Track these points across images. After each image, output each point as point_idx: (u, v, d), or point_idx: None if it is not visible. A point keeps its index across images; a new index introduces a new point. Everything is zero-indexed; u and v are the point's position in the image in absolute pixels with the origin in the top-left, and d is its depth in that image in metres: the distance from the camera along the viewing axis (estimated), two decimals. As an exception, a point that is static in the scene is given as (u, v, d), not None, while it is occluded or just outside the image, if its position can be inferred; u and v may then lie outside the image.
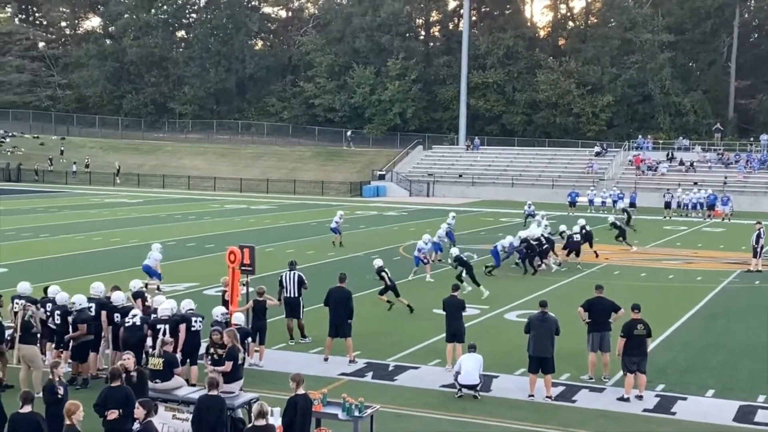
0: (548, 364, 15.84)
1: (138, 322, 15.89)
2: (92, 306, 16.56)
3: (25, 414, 10.56)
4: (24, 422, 10.55)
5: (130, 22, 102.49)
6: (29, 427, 10.52)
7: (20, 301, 16.97)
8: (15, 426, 10.57)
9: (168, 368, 13.47)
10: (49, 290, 17.44)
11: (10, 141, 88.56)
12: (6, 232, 39.41)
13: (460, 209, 57.72)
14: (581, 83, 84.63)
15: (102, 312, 16.63)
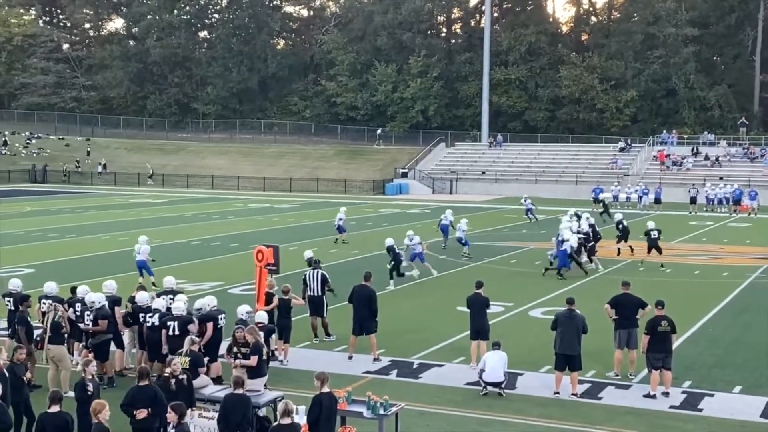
0: (575, 361, 15.78)
1: (157, 321, 15.99)
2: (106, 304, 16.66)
3: (53, 413, 10.67)
4: (52, 422, 10.65)
5: (153, 23, 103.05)
6: (58, 427, 10.62)
7: (47, 301, 17.13)
8: (44, 425, 10.68)
9: (194, 367, 13.53)
10: (78, 290, 17.58)
11: (35, 142, 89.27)
12: (33, 232, 39.77)
13: (483, 206, 57.66)
14: (604, 78, 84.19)
15: (115, 309, 16.76)
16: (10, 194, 64.61)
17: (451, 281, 27.70)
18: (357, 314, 17.94)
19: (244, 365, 13.87)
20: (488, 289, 18.13)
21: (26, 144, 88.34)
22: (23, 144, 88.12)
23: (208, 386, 13.68)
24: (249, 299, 20.22)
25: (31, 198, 61.73)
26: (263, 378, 14.11)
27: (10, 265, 28.56)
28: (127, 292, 18.15)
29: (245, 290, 24.78)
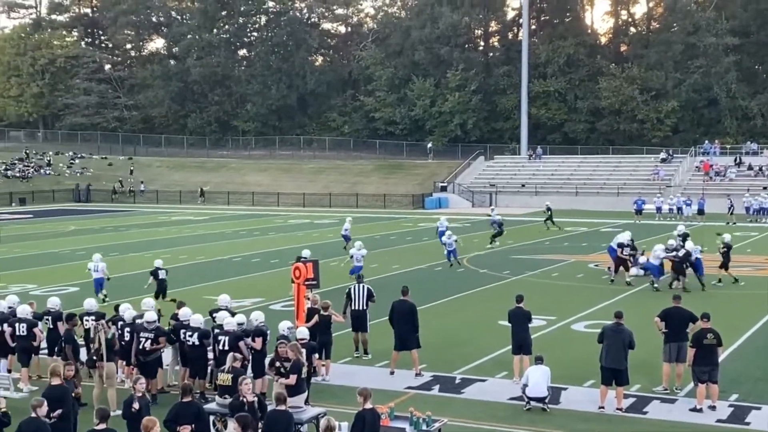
0: (622, 375, 15.57)
1: (197, 341, 16.07)
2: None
3: (100, 431, 10.73)
4: (99, 439, 10.73)
5: (193, 42, 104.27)
6: (103, 444, 10.69)
7: (89, 318, 17.32)
8: (90, 442, 10.77)
9: (236, 384, 13.55)
10: (120, 308, 17.73)
11: (79, 162, 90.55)
12: (77, 251, 40.25)
13: (524, 219, 57.34)
14: (645, 89, 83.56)
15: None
16: (55, 214, 65.56)
17: (492, 295, 27.55)
18: (398, 330, 17.86)
19: (282, 383, 13.87)
20: (530, 303, 18.00)
21: (70, 164, 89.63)
22: (67, 164, 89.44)
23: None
24: (289, 315, 20.27)
25: (75, 217, 62.54)
26: (303, 395, 14.08)
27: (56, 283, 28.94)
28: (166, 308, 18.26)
29: (286, 306, 24.85)
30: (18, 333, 17.11)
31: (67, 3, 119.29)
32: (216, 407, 13.57)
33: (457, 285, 29.47)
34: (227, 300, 18.07)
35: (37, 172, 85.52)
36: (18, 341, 17.16)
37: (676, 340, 16.61)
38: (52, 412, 11.90)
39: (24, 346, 17.15)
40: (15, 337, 17.18)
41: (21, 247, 42.17)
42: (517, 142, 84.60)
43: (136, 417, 11.82)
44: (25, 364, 17.17)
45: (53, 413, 11.91)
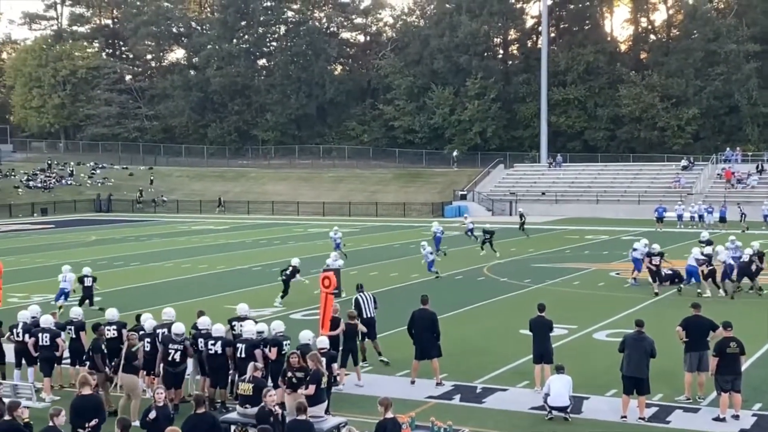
0: (643, 385, 15.47)
1: (220, 349, 16.08)
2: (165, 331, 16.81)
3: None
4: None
5: (213, 52, 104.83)
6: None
7: (110, 327, 17.38)
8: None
9: (257, 393, 13.57)
10: (141, 317, 17.79)
11: (100, 172, 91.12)
12: (99, 261, 40.46)
13: (544, 227, 57.16)
14: (665, 96, 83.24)
15: None
16: (76, 224, 65.97)
17: (512, 304, 27.45)
18: (419, 339, 17.81)
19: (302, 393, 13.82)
20: (551, 312, 17.92)
21: (91, 174, 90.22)
22: (88, 174, 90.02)
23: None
24: (309, 324, 20.26)
25: (96, 227, 62.91)
26: (322, 405, 14.04)
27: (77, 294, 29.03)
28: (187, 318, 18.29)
29: (306, 315, 24.87)
30: (41, 343, 17.20)
31: (88, 14, 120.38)
32: (237, 417, 13.58)
33: (477, 294, 29.40)
34: (246, 309, 18.10)
35: (59, 183, 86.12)
36: (41, 351, 17.25)
37: (698, 349, 16.49)
38: (88, 422, 11.94)
39: (47, 356, 17.24)
40: (38, 347, 17.27)
41: (43, 257, 42.45)
42: (536, 150, 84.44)
43: (153, 426, 11.88)
44: (48, 374, 17.25)
45: (89, 423, 11.94)
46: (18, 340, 17.65)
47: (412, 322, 17.95)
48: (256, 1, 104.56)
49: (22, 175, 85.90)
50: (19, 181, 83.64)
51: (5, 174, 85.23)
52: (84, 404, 12.19)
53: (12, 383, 16.22)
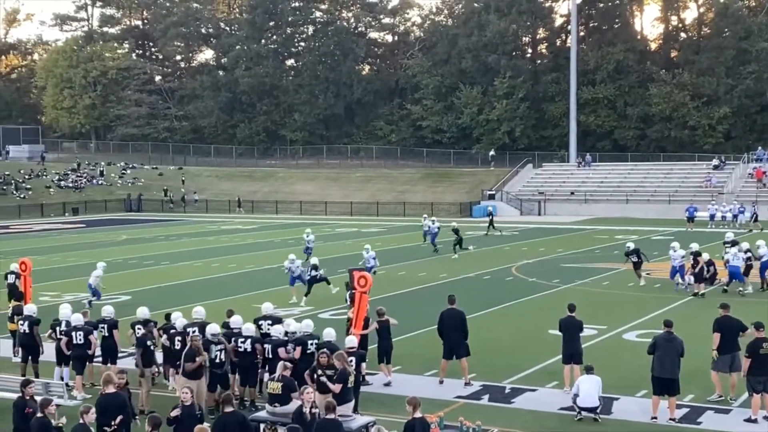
0: (674, 385, 15.37)
1: (249, 347, 16.13)
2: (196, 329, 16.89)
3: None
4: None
5: (242, 53, 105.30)
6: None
7: (140, 326, 17.51)
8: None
9: (286, 392, 13.62)
10: (171, 316, 17.91)
11: (130, 172, 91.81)
12: (129, 260, 40.79)
13: (573, 227, 56.88)
14: (696, 95, 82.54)
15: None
16: (107, 223, 66.53)
17: (541, 304, 27.33)
18: (448, 338, 17.78)
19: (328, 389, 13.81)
20: (580, 312, 17.82)
21: (121, 174, 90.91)
22: (119, 174, 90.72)
23: (300, 411, 13.70)
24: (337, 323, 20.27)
25: (127, 227, 63.39)
26: (349, 404, 14.02)
27: (108, 292, 29.31)
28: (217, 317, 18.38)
29: (334, 315, 24.90)
30: (75, 341, 17.35)
31: (118, 15, 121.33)
32: (266, 415, 13.63)
33: (506, 294, 29.31)
34: (270, 308, 18.16)
35: (90, 183, 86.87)
36: (74, 349, 17.40)
37: (729, 351, 16.34)
38: (113, 420, 12.06)
39: (80, 354, 17.40)
40: (71, 345, 17.42)
41: (75, 257, 42.83)
42: (565, 150, 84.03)
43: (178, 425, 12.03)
44: (80, 371, 17.41)
45: (114, 421, 12.06)
46: (59, 338, 17.83)
47: (441, 322, 17.92)
48: (284, 2, 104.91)
49: (54, 175, 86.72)
50: (51, 181, 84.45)
51: (37, 174, 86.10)
52: (108, 402, 12.32)
53: (43, 381, 16.36)
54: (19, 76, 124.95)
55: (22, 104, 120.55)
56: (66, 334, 17.58)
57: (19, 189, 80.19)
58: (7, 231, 60.62)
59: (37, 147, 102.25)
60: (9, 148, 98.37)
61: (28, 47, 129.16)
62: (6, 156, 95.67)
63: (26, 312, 18.92)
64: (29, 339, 18.42)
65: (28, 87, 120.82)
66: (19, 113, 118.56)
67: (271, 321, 17.42)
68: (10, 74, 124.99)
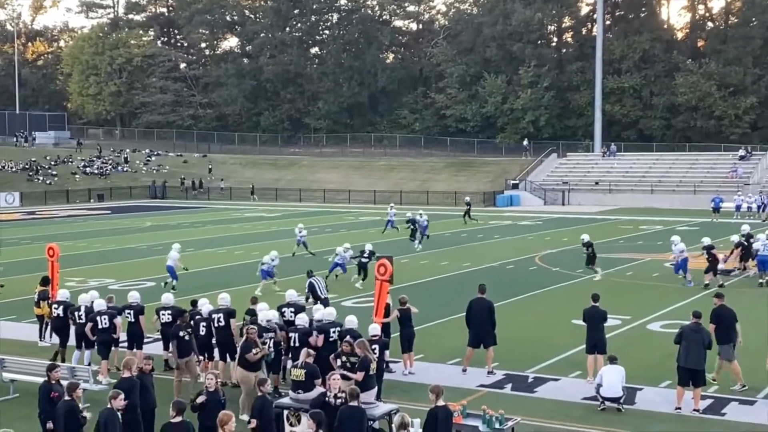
0: (700, 376, 15.33)
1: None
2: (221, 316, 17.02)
3: (176, 423, 10.91)
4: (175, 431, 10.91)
5: (266, 41, 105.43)
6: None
7: (165, 312, 17.63)
8: (165, 435, 10.97)
9: (309, 379, 13.67)
10: (198, 303, 18.02)
11: (155, 159, 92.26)
12: (154, 247, 41.02)
13: (597, 218, 56.61)
14: (722, 85, 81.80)
15: (230, 320, 17.08)
16: (132, 210, 66.93)
17: (565, 294, 27.25)
18: (475, 327, 17.75)
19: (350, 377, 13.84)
20: (604, 302, 17.75)
21: (146, 161, 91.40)
22: (143, 161, 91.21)
23: (323, 398, 13.76)
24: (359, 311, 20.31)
25: (151, 213, 63.75)
26: (372, 391, 14.03)
27: (133, 278, 29.53)
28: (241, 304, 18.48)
29: (357, 303, 24.95)
30: (100, 326, 17.50)
31: (143, 3, 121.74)
32: (289, 402, 13.69)
33: (529, 283, 29.25)
34: (294, 295, 18.23)
35: (115, 169, 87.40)
36: (99, 334, 17.55)
37: (727, 341, 16.52)
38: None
39: (105, 338, 17.55)
40: (96, 329, 17.57)
41: (100, 243, 43.15)
42: (590, 139, 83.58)
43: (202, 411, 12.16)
44: (105, 356, 17.56)
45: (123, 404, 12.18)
46: (80, 323, 18.00)
47: (469, 310, 17.89)
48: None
49: (79, 161, 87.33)
50: (77, 168, 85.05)
51: (63, 160, 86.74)
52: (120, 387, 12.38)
53: (69, 366, 16.51)
54: (46, 62, 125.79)
55: (49, 91, 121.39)
56: (91, 320, 17.73)
57: (45, 175, 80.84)
58: (34, 217, 61.18)
59: (64, 133, 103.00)
60: (35, 134, 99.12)
61: (55, 34, 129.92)
62: (32, 142, 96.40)
63: (60, 297, 19.15)
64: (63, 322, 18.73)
65: (54, 74, 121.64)
66: (45, 100, 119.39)
67: (294, 309, 17.47)
68: (36, 61, 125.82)
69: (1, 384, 16.68)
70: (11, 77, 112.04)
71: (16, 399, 16.32)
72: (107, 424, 11.23)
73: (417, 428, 11.63)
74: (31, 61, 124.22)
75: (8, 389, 16.57)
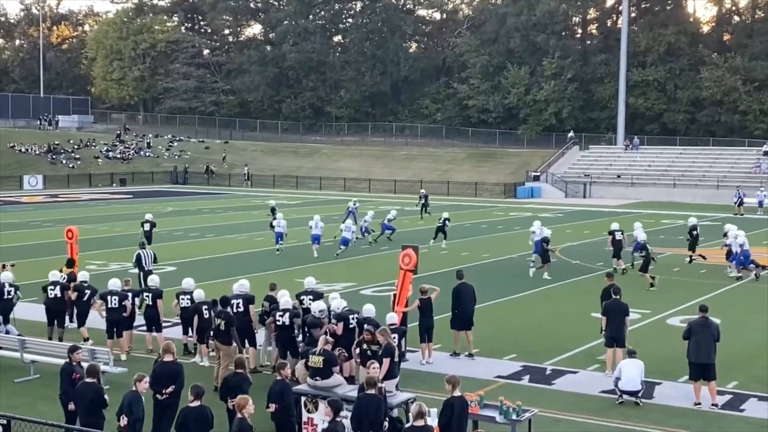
0: (711, 370, 15.29)
1: (288, 320, 16.27)
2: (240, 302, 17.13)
3: (194, 407, 10.99)
4: (192, 415, 10.98)
5: (290, 28, 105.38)
6: (197, 421, 10.93)
7: (185, 297, 17.74)
8: (185, 418, 11.03)
9: (328, 366, 13.71)
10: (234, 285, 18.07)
11: (177, 145, 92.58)
12: (175, 232, 41.23)
13: (619, 211, 56.33)
14: (748, 79, 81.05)
15: (249, 307, 17.17)
16: (153, 195, 67.26)
17: (585, 287, 27.13)
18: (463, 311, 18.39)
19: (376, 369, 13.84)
20: (624, 296, 17.70)
21: (168, 146, 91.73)
22: (165, 146, 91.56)
23: (341, 385, 13.82)
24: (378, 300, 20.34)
25: (173, 199, 64.03)
26: (395, 380, 14.11)
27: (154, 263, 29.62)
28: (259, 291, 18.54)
29: (376, 291, 24.98)
30: (110, 305, 17.78)
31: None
32: (307, 389, 13.74)
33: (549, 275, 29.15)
34: (313, 282, 18.28)
35: (137, 154, 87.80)
36: (108, 313, 17.81)
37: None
38: (165, 389, 12.26)
39: (115, 318, 17.77)
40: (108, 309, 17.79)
41: (121, 227, 43.41)
42: (613, 132, 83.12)
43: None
44: (111, 335, 17.77)
45: (165, 390, 12.26)
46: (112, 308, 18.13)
47: (458, 295, 18.42)
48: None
49: (102, 146, 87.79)
50: (99, 152, 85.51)
51: (86, 144, 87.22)
52: (164, 371, 12.52)
53: (90, 347, 16.66)
54: (70, 46, 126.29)
55: (73, 75, 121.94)
56: (102, 297, 17.96)
57: (68, 159, 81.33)
58: (56, 200, 61.61)
59: (87, 117, 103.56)
60: (59, 117, 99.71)
61: (79, 18, 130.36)
62: (56, 126, 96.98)
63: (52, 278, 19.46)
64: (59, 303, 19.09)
65: (78, 58, 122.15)
66: (70, 84, 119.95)
67: (312, 296, 17.51)
68: (61, 45, 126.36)
69: (23, 365, 16.84)
70: (36, 61, 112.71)
71: (37, 380, 16.48)
72: (131, 406, 11.32)
73: (434, 417, 11.64)
74: (55, 45, 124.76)
75: (29, 370, 16.73)
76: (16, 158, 79.53)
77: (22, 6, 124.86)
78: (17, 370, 16.77)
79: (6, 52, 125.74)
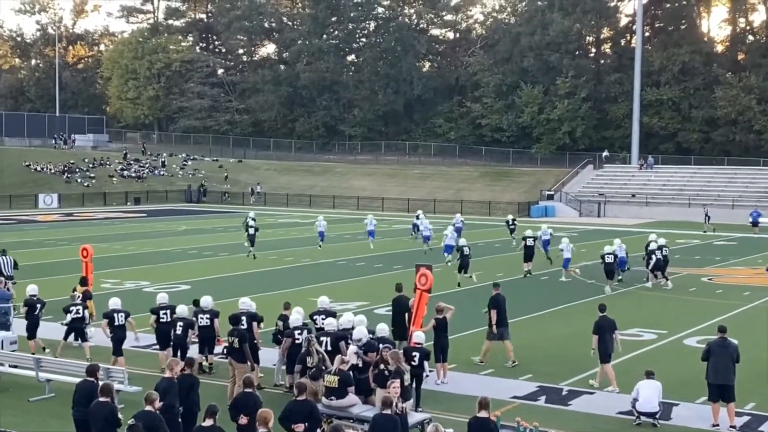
0: (730, 392, 15.11)
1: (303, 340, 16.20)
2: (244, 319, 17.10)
3: (207, 427, 10.93)
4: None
5: (303, 48, 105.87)
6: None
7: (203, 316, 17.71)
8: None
9: (343, 386, 13.64)
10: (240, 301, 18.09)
11: (191, 164, 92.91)
12: (189, 250, 41.29)
13: (633, 230, 56.10)
14: (762, 99, 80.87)
15: (252, 324, 17.12)
16: (167, 213, 67.43)
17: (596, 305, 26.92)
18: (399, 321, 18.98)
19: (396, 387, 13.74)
20: (641, 316, 17.62)
21: (182, 165, 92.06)
22: (180, 165, 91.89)
23: (356, 405, 13.74)
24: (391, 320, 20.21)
25: (187, 217, 64.17)
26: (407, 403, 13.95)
27: (168, 281, 29.71)
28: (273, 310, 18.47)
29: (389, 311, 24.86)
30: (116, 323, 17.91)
31: (183, 8, 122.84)
32: (322, 408, 13.65)
33: (563, 295, 29.03)
34: (326, 302, 18.20)
35: (152, 173, 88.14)
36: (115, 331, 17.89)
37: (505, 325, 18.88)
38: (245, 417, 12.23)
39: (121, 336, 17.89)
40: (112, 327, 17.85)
41: (135, 245, 43.50)
42: (627, 151, 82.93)
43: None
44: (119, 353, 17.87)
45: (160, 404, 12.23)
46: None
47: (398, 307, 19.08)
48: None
49: (117, 164, 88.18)
50: (114, 171, 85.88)
51: (101, 163, 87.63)
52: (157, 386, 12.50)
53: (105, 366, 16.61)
54: (86, 66, 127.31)
55: (88, 94, 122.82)
56: (106, 316, 18.00)
57: (83, 177, 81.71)
58: (71, 218, 61.84)
59: (102, 136, 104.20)
60: (74, 136, 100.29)
61: (95, 38, 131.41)
62: (72, 145, 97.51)
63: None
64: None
65: (93, 77, 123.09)
66: (85, 103, 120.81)
67: (324, 315, 17.39)
68: (77, 64, 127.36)
69: (37, 384, 16.82)
70: (52, 80, 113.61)
71: (52, 399, 16.45)
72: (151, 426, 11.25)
73: (450, 438, 11.53)
74: (71, 65, 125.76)
75: (44, 389, 16.71)
76: (32, 177, 80.00)
77: (39, 26, 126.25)
78: (33, 389, 16.76)
79: (22, 72, 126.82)
